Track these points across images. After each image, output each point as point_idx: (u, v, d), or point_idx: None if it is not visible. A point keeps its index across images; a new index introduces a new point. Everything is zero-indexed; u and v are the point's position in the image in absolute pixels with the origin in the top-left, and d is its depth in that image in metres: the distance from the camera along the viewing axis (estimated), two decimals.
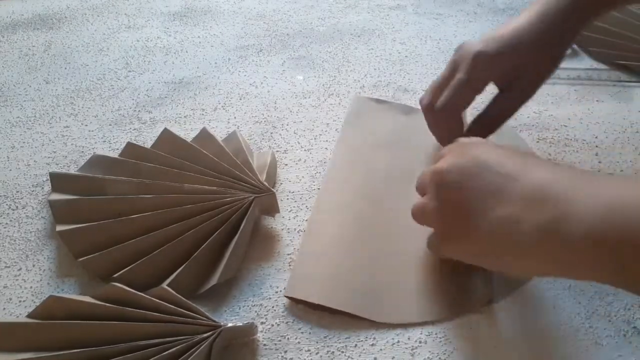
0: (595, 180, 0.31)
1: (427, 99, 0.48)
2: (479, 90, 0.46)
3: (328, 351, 0.37)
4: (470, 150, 0.37)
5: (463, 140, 0.39)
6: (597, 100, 0.60)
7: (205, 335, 0.36)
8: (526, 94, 0.47)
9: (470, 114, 0.50)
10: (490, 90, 0.47)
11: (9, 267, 0.44)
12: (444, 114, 0.46)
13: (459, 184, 0.35)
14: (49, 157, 0.55)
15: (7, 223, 0.48)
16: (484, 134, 0.48)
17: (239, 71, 0.68)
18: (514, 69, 0.45)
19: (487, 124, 0.48)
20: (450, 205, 0.35)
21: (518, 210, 0.32)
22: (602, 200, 0.29)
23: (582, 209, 0.30)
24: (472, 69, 0.45)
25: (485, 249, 0.34)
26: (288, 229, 0.46)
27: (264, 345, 0.38)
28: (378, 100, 0.60)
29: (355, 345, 0.37)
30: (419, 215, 0.39)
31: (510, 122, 0.48)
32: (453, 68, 0.47)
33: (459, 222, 0.35)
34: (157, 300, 0.38)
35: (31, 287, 0.42)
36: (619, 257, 0.28)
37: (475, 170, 0.35)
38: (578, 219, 0.29)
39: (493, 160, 0.35)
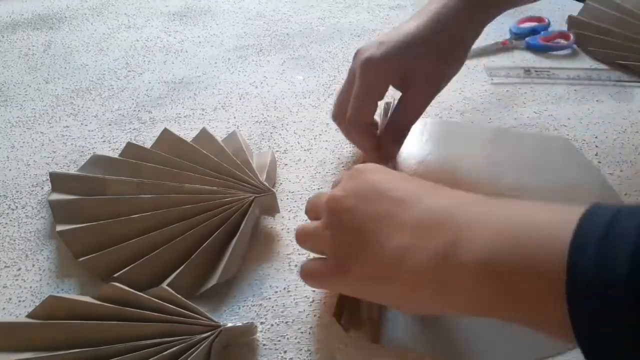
0: (493, 205, 0.29)
1: (336, 113, 0.49)
2: (378, 97, 0.46)
3: (328, 351, 0.37)
4: (366, 176, 0.35)
5: (359, 166, 0.37)
6: (597, 100, 0.60)
7: (204, 335, 0.36)
8: (426, 96, 0.47)
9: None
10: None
11: (8, 267, 0.44)
12: (354, 128, 0.46)
13: (355, 209, 0.33)
14: (48, 157, 0.55)
15: (6, 223, 0.48)
16: (397, 139, 0.48)
17: (239, 71, 0.68)
18: (406, 72, 0.45)
19: (396, 128, 0.48)
20: (345, 231, 0.33)
21: (410, 237, 0.30)
22: (493, 225, 0.27)
23: (474, 234, 0.27)
24: (364, 77, 0.44)
25: (379, 279, 0.31)
26: (288, 229, 0.46)
27: (264, 345, 0.38)
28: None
29: (356, 345, 0.37)
30: (308, 239, 0.37)
31: (513, 123, 0.48)
32: (352, 77, 0.46)
33: (354, 249, 0.32)
34: (157, 300, 0.38)
35: (31, 287, 0.42)
36: (511, 288, 0.25)
37: (370, 195, 0.33)
38: (468, 245, 0.27)
39: (388, 185, 0.33)
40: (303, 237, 0.37)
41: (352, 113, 0.45)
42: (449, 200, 0.31)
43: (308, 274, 0.36)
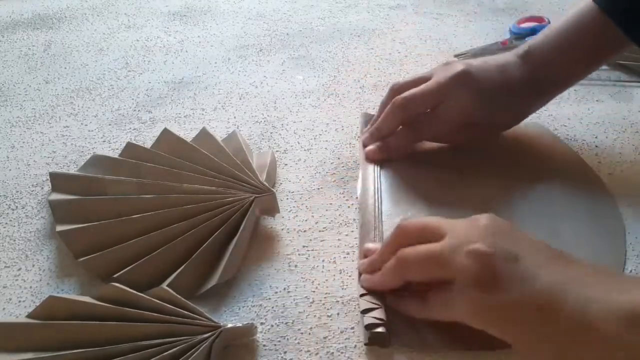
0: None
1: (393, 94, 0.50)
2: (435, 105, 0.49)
3: (328, 352, 0.37)
4: (520, 235, 0.35)
5: (491, 220, 0.35)
6: (597, 100, 0.60)
7: (205, 335, 0.36)
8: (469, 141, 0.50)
9: None
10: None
11: (8, 267, 0.44)
12: (402, 110, 0.49)
13: (511, 239, 0.34)
14: (48, 157, 0.55)
15: (6, 223, 0.48)
16: (415, 140, 0.51)
17: (239, 71, 0.68)
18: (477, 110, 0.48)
19: (420, 136, 0.51)
20: (499, 257, 0.32)
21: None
22: None
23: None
24: (454, 86, 0.47)
25: (523, 313, 0.31)
26: (288, 229, 0.46)
27: (264, 345, 0.38)
28: None
29: (355, 345, 0.37)
30: (435, 258, 0.34)
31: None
32: (430, 79, 0.48)
33: (503, 277, 0.32)
34: (157, 301, 0.38)
35: (31, 287, 0.42)
36: None
37: (516, 253, 0.33)
38: None
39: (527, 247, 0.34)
40: (433, 258, 0.35)
41: (411, 98, 0.48)
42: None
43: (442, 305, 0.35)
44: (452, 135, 0.50)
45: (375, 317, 0.37)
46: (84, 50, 0.73)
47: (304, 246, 0.45)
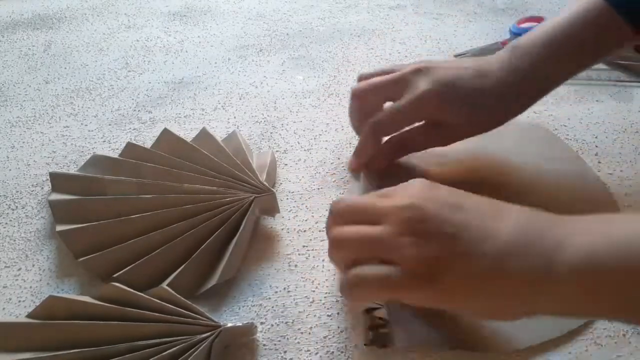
0: (584, 219, 0.31)
1: (360, 93, 0.48)
2: (418, 121, 0.47)
3: (327, 351, 0.37)
4: (434, 186, 0.35)
5: (412, 181, 0.35)
6: (597, 100, 0.60)
7: (204, 335, 0.36)
8: (454, 140, 0.48)
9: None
10: None
11: (8, 267, 0.44)
12: (378, 130, 0.47)
13: (443, 217, 0.32)
14: (48, 157, 0.55)
15: (6, 223, 0.48)
16: (395, 155, 0.49)
17: (239, 71, 0.68)
18: (459, 115, 0.45)
19: (403, 147, 0.49)
20: (434, 239, 0.32)
21: (508, 245, 0.31)
22: (591, 233, 0.29)
23: (574, 240, 0.29)
24: (426, 102, 0.45)
25: (475, 289, 0.31)
26: (288, 229, 0.46)
27: (264, 345, 0.38)
28: None
29: (355, 345, 0.37)
30: (363, 246, 0.34)
31: (514, 121, 0.48)
32: (405, 81, 0.46)
33: (445, 258, 0.31)
34: (157, 301, 0.38)
35: (31, 287, 0.42)
36: (616, 287, 0.28)
37: (455, 204, 0.33)
38: (570, 249, 0.29)
39: (466, 197, 0.34)
40: (355, 243, 0.34)
41: (388, 118, 0.46)
42: (536, 214, 0.32)
43: (368, 283, 0.33)
44: (424, 135, 0.47)
45: (378, 317, 0.37)
46: (84, 50, 0.73)
47: (304, 246, 0.45)
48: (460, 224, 0.32)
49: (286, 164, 0.53)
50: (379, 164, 0.49)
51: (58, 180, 0.50)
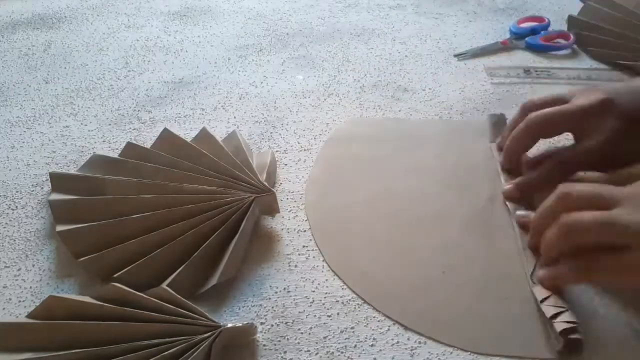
0: None
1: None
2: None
3: (327, 351, 0.37)
4: None
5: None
6: None
7: (204, 335, 0.36)
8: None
9: None
10: None
11: (8, 267, 0.44)
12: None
13: None
14: (48, 157, 0.55)
15: (6, 223, 0.48)
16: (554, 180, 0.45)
17: (239, 71, 0.68)
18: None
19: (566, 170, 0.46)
20: None
21: None
22: None
23: None
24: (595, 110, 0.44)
25: None
26: (288, 229, 0.46)
27: (264, 345, 0.38)
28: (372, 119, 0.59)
29: (355, 345, 0.37)
30: (610, 225, 0.35)
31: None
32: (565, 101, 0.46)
33: None
34: (157, 301, 0.38)
35: (31, 287, 0.42)
36: None
37: None
38: None
39: None
40: (595, 227, 0.35)
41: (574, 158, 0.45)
42: None
43: (603, 268, 0.36)
44: (595, 168, 0.46)
45: (567, 322, 0.35)
46: (84, 50, 0.73)
47: (304, 246, 0.45)
48: None
49: (286, 164, 0.53)
50: (535, 187, 0.46)
51: (58, 180, 0.50)
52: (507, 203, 0.46)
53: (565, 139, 0.50)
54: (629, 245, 0.34)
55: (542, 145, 0.50)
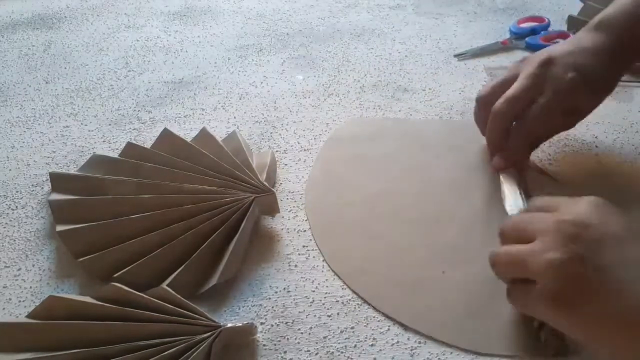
0: None
1: (485, 97, 0.50)
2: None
3: (327, 351, 0.37)
4: (607, 210, 0.33)
5: (590, 198, 0.34)
6: None
7: (204, 335, 0.36)
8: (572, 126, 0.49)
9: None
10: None
11: (8, 267, 0.44)
12: (499, 119, 0.47)
13: (604, 244, 0.31)
14: (48, 157, 0.55)
15: (6, 223, 0.48)
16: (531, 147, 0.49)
17: (239, 71, 0.68)
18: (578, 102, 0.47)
19: (537, 137, 0.49)
20: (585, 265, 0.30)
21: None
22: None
23: None
24: (555, 88, 0.45)
25: (610, 323, 0.30)
26: (288, 229, 0.46)
27: (264, 345, 0.38)
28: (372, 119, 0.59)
29: (355, 345, 0.37)
30: (518, 262, 0.34)
31: None
32: (529, 77, 0.47)
33: (589, 286, 0.30)
34: (157, 301, 0.38)
35: (31, 287, 0.42)
36: None
37: (623, 237, 0.31)
38: None
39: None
40: (503, 265, 0.36)
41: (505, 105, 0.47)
42: None
43: (513, 301, 0.36)
44: (559, 126, 0.49)
45: (553, 330, 0.35)
46: (84, 50, 0.73)
47: (304, 246, 0.45)
48: (622, 258, 0.30)
49: (286, 164, 0.53)
50: (515, 158, 0.48)
51: (58, 180, 0.50)
52: (502, 198, 0.47)
53: None
54: (534, 280, 0.33)
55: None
